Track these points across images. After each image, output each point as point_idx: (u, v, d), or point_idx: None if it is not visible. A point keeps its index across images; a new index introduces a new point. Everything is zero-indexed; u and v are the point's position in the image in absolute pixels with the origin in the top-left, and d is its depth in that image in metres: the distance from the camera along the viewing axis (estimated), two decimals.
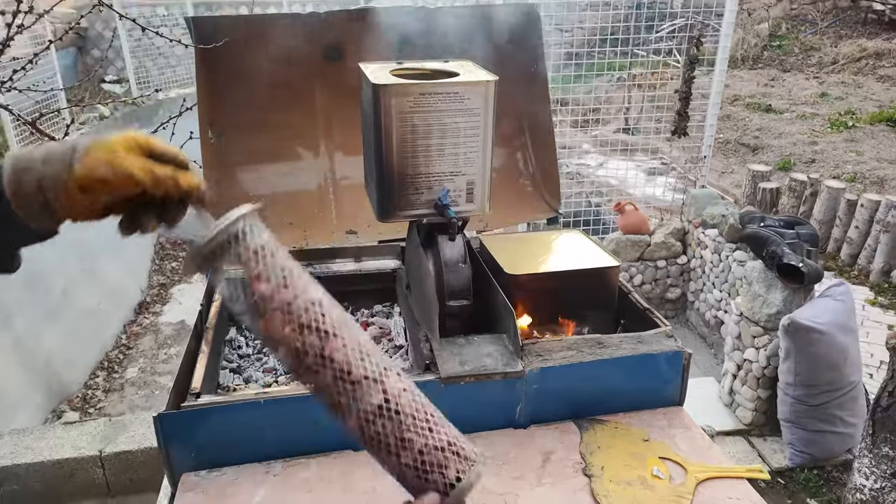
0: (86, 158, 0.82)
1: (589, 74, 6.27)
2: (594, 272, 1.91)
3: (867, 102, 9.53)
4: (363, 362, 0.86)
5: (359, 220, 2.54)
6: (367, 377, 0.85)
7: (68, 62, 9.55)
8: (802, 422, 3.41)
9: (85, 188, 0.82)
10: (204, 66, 2.35)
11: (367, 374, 0.85)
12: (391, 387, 0.87)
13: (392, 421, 0.85)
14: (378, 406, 0.85)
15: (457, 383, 1.63)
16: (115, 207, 0.87)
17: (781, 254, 3.45)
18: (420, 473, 0.85)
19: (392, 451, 0.85)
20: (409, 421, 0.86)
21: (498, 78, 1.82)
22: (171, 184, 0.87)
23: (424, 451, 0.85)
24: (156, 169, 0.86)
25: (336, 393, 0.85)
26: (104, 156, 0.83)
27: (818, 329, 3.20)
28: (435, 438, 0.87)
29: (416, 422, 0.87)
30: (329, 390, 0.86)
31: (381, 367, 0.87)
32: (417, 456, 0.85)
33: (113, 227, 0.91)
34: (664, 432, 1.69)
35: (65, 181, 0.81)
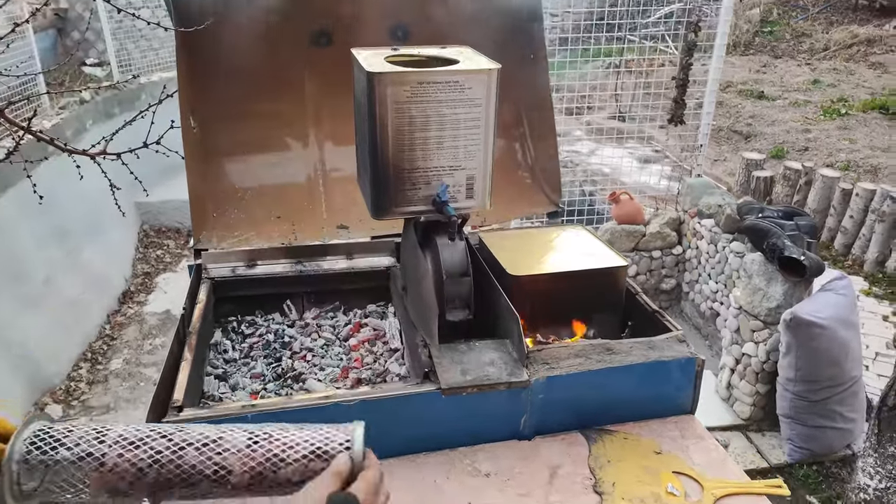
0: None
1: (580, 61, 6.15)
2: (602, 273, 1.81)
3: (859, 90, 9.48)
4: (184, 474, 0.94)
5: (350, 214, 2.42)
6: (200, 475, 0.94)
7: (47, 44, 9.26)
8: (802, 417, 3.35)
9: None
10: (185, 50, 2.21)
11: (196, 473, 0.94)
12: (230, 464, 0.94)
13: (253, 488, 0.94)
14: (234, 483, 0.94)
15: (458, 394, 1.52)
16: None
17: (783, 246, 3.37)
18: None
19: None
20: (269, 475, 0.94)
21: (501, 66, 1.71)
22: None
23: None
24: None
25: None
26: None
27: (820, 324, 3.13)
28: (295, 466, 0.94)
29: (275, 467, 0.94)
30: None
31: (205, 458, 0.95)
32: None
33: (94, 213, 0.83)
34: (677, 443, 1.60)
35: None
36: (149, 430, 0.96)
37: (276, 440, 0.95)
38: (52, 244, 5.41)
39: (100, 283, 6.04)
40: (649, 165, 7.39)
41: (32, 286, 5.05)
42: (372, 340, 2.02)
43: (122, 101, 7.30)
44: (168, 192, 6.45)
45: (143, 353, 5.60)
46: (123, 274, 6.48)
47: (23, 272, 4.96)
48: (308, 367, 1.90)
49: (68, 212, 5.48)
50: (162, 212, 7.17)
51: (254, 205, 2.38)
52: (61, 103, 6.82)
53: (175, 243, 7.27)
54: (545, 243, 2.03)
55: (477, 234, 2.11)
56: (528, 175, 2.65)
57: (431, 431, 1.56)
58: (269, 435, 0.95)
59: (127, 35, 8.57)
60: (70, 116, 6.35)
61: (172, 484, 0.94)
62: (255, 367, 1.90)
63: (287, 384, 1.83)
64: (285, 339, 2.02)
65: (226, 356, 1.94)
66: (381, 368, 1.88)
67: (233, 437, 0.96)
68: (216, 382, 1.81)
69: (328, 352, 1.98)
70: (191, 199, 2.19)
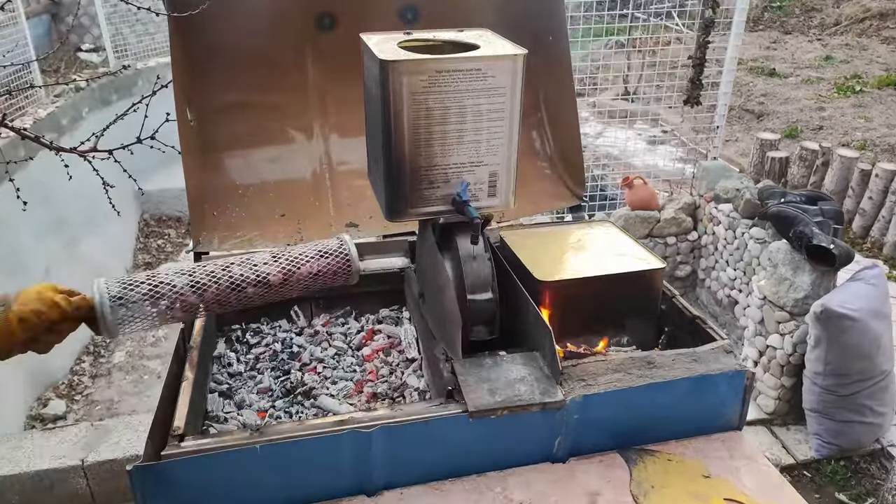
0: (20, 298, 1.20)
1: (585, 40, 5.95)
2: (637, 276, 1.67)
3: (873, 65, 9.24)
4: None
5: (359, 210, 2.27)
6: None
7: (41, 31, 9.05)
8: (830, 412, 3.22)
9: (22, 318, 1.18)
10: (179, 37, 2.05)
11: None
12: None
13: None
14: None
15: (487, 417, 1.38)
16: (40, 337, 1.21)
17: (811, 234, 3.21)
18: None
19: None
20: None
21: (527, 51, 1.55)
22: (83, 305, 1.26)
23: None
24: (71, 298, 1.26)
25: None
26: (33, 294, 1.21)
27: (851, 316, 2.98)
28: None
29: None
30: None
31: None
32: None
33: (93, 203, 0.75)
34: (725, 464, 1.46)
35: (6, 316, 1.17)
36: (195, 265, 1.39)
37: (290, 251, 1.44)
38: (51, 235, 5.28)
39: (100, 273, 5.90)
40: (658, 147, 7.21)
41: (32, 278, 4.93)
42: (386, 349, 1.88)
43: (118, 87, 7.12)
44: (168, 180, 6.29)
45: (146, 346, 5.49)
46: (124, 264, 6.35)
47: (22, 264, 4.84)
48: (319, 381, 1.76)
49: (67, 202, 5.35)
50: (162, 200, 7.02)
51: (256, 202, 2.23)
52: (56, 91, 6.64)
53: (176, 232, 7.13)
54: (571, 242, 1.88)
55: (497, 231, 1.95)
56: (546, 165, 2.49)
57: (457, 456, 1.42)
58: (283, 249, 1.45)
59: (122, 19, 8.35)
60: (66, 104, 6.18)
61: (225, 293, 1.34)
62: (262, 381, 1.76)
63: (297, 401, 1.69)
64: (293, 349, 1.88)
65: (230, 370, 1.80)
66: (397, 382, 1.74)
67: (259, 255, 1.43)
68: (220, 400, 1.67)
69: (340, 362, 1.84)
70: (189, 199, 2.03)
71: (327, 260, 1.44)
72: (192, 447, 1.30)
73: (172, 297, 1.31)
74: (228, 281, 1.35)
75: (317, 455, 1.33)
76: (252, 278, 1.37)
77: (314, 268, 1.41)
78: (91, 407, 4.75)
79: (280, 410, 1.66)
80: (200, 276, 1.34)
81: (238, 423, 1.60)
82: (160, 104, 1.90)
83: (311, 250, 1.44)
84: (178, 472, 1.27)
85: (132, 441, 3.02)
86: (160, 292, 1.30)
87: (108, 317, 1.25)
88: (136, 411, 4.63)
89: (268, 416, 1.64)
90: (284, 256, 1.41)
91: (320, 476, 1.35)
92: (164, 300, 1.30)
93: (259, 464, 1.29)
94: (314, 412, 1.65)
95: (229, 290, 1.35)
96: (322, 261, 1.43)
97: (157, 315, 1.31)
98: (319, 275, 1.43)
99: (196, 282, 1.33)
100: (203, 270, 1.35)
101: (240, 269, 1.37)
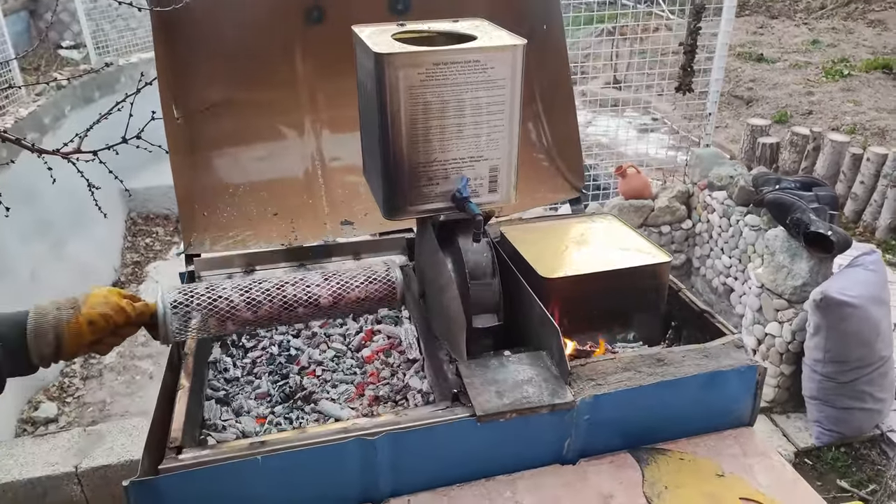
0: (88, 301, 1.26)
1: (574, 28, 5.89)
2: (644, 271, 1.62)
3: (860, 49, 9.24)
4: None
5: (354, 208, 2.22)
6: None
7: (20, 28, 8.88)
8: (830, 399, 3.21)
9: (91, 321, 1.23)
10: (163, 31, 1.99)
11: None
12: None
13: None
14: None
15: (495, 420, 1.34)
16: (104, 339, 1.27)
17: (808, 221, 3.19)
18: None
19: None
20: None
21: (526, 41, 1.49)
22: (146, 311, 1.34)
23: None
24: (135, 304, 1.33)
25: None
26: (101, 298, 1.28)
27: (851, 303, 2.97)
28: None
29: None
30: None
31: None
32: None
33: (78, 203, 0.71)
34: (739, 462, 1.43)
35: (76, 318, 1.23)
36: (251, 280, 1.47)
37: (342, 275, 1.51)
38: (36, 238, 5.19)
39: (88, 274, 5.83)
40: (649, 135, 7.18)
41: (19, 281, 4.84)
42: (387, 350, 1.83)
43: (101, 85, 6.99)
44: (154, 178, 6.19)
45: (137, 346, 5.41)
46: (112, 264, 6.26)
47: (8, 267, 4.75)
48: (319, 385, 1.71)
49: (52, 203, 5.25)
50: (149, 198, 6.91)
51: (248, 202, 2.17)
52: (37, 90, 6.51)
53: (164, 230, 7.04)
54: (574, 236, 1.83)
55: (497, 227, 1.91)
56: (543, 157, 2.45)
57: (465, 460, 1.38)
58: (335, 272, 1.52)
59: (103, 15, 8.20)
60: (47, 103, 6.05)
61: (277, 311, 1.43)
62: (260, 387, 1.71)
63: (297, 406, 1.64)
64: (291, 353, 1.83)
65: (226, 375, 1.74)
66: (399, 384, 1.69)
67: (311, 276, 1.51)
68: (217, 407, 1.62)
69: (339, 365, 1.79)
70: (178, 199, 1.97)
71: (375, 286, 1.51)
72: (191, 460, 1.25)
73: (228, 311, 1.39)
74: (282, 301, 1.43)
75: (321, 464, 1.28)
76: (304, 299, 1.44)
77: (362, 293, 1.49)
78: (83, 409, 4.68)
79: (280, 416, 1.61)
80: (256, 294, 1.42)
81: (237, 430, 1.55)
82: (145, 102, 1.83)
83: (360, 276, 1.51)
84: (176, 486, 1.22)
85: (126, 446, 2.96)
86: (217, 307, 1.38)
87: (170, 325, 1.34)
88: (129, 412, 4.57)
89: (267, 423, 1.59)
90: (336, 280, 1.49)
91: (325, 485, 1.31)
92: (220, 314, 1.38)
93: (261, 475, 1.25)
94: (315, 417, 1.60)
95: (281, 309, 1.43)
96: (370, 286, 1.51)
97: (211, 327, 1.39)
98: (366, 300, 1.51)
99: (252, 299, 1.41)
100: (259, 288, 1.43)
101: (293, 289, 1.44)
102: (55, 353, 1.22)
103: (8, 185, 4.37)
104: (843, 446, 3.32)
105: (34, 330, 1.19)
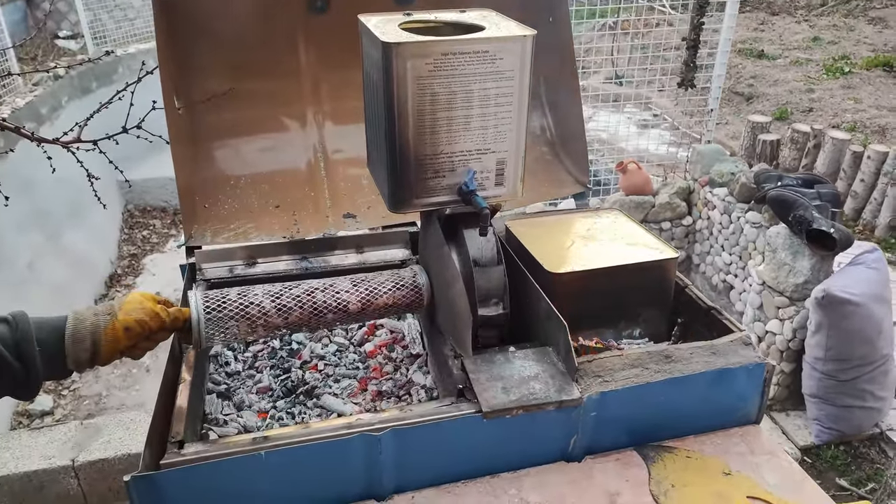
0: (124, 307, 1.27)
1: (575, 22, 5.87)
2: (651, 266, 1.61)
3: (861, 46, 9.23)
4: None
5: (357, 200, 2.19)
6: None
7: (17, 17, 8.82)
8: (830, 397, 3.20)
9: (127, 327, 1.25)
10: (164, 19, 1.96)
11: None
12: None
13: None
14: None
15: (501, 417, 1.33)
16: (139, 344, 1.28)
17: (811, 218, 3.17)
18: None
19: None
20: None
21: (535, 32, 1.47)
22: (180, 317, 1.35)
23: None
24: (169, 309, 1.34)
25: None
26: (137, 304, 1.28)
27: (854, 301, 2.96)
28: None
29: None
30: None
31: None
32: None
33: (75, 194, 0.68)
34: (746, 461, 1.42)
35: (112, 324, 1.24)
36: (281, 286, 1.47)
37: (370, 281, 1.53)
38: (33, 227, 5.14)
39: (85, 266, 5.80)
40: (649, 131, 7.16)
41: (16, 272, 4.81)
42: (390, 345, 1.82)
43: (98, 75, 6.93)
44: (152, 169, 6.16)
45: None
46: (109, 256, 6.22)
47: (5, 257, 4.71)
48: (321, 379, 1.69)
49: (49, 193, 5.21)
50: (146, 190, 6.87)
51: (249, 193, 2.14)
52: (34, 79, 6.46)
53: (161, 223, 7.00)
54: (580, 231, 1.82)
55: (502, 221, 1.89)
56: (547, 150, 2.43)
57: (470, 457, 1.36)
58: (363, 277, 1.54)
59: (100, 4, 8.14)
60: (44, 93, 6.00)
61: (307, 317, 1.44)
62: (262, 381, 1.69)
63: (299, 401, 1.62)
64: (293, 346, 1.81)
65: (228, 369, 1.72)
66: (403, 379, 1.67)
67: (341, 282, 1.52)
68: (219, 402, 1.60)
69: (342, 359, 1.77)
70: (179, 191, 1.95)
71: (402, 292, 1.54)
72: (193, 455, 1.23)
73: (259, 317, 1.41)
74: (312, 307, 1.45)
75: (324, 460, 1.26)
76: (333, 305, 1.47)
77: (390, 300, 1.51)
78: (79, 402, 4.65)
79: (282, 411, 1.59)
80: (287, 300, 1.44)
81: (238, 425, 1.53)
82: (145, 91, 1.81)
83: (388, 282, 1.54)
84: (178, 481, 1.20)
85: (123, 439, 2.94)
86: (249, 313, 1.40)
87: (203, 332, 1.36)
88: (125, 406, 4.54)
89: (269, 418, 1.57)
90: (364, 286, 1.52)
91: (328, 482, 1.29)
92: (252, 320, 1.40)
93: (264, 471, 1.23)
94: (317, 412, 1.59)
95: (311, 314, 1.45)
96: (398, 293, 1.53)
97: (243, 332, 1.41)
98: (393, 306, 1.53)
99: (283, 305, 1.43)
100: (290, 294, 1.45)
101: (323, 295, 1.47)
102: (91, 359, 1.22)
103: (5, 175, 4.33)
104: (842, 444, 3.31)
105: (72, 335, 1.20)
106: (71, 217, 5.57)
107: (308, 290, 1.47)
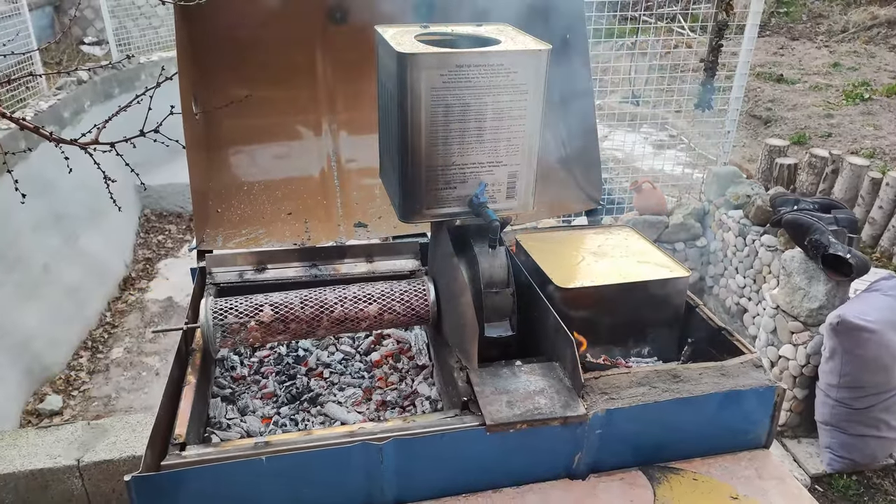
0: None
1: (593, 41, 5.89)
2: (662, 284, 1.59)
3: (881, 73, 9.17)
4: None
5: (368, 210, 2.20)
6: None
7: (44, 23, 8.98)
8: (843, 425, 3.15)
9: None
10: (185, 27, 1.98)
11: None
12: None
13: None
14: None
15: (505, 431, 1.31)
16: None
17: (827, 243, 3.14)
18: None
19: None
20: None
21: (551, 46, 1.48)
22: None
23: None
24: None
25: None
26: None
27: (869, 328, 2.91)
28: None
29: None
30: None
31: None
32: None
33: (93, 197, 0.67)
34: (754, 485, 1.39)
35: None
36: (285, 294, 1.54)
37: (383, 293, 1.61)
38: (50, 229, 5.20)
39: (100, 269, 5.85)
40: (665, 151, 7.14)
41: (31, 274, 4.86)
42: (396, 354, 1.81)
43: (121, 81, 7.04)
44: (170, 175, 6.22)
45: (145, 342, 5.42)
46: (124, 259, 6.28)
47: (22, 258, 4.76)
48: (326, 387, 1.69)
49: (67, 196, 5.27)
50: (163, 196, 6.94)
51: (262, 200, 2.16)
52: (58, 83, 6.57)
53: (177, 228, 7.06)
54: (591, 248, 1.81)
55: (513, 235, 1.88)
56: (561, 166, 2.42)
57: (472, 470, 1.35)
58: (377, 289, 1.61)
59: (126, 13, 8.29)
60: (68, 97, 6.10)
61: (326, 327, 1.53)
62: (267, 386, 1.69)
63: (303, 408, 1.61)
64: (299, 353, 1.81)
65: (233, 373, 1.72)
66: (408, 390, 1.66)
67: (355, 292, 1.60)
68: (223, 405, 1.60)
69: (347, 368, 1.77)
70: (193, 194, 1.96)
71: (411, 307, 1.61)
72: (195, 457, 1.23)
73: (276, 326, 1.49)
74: (329, 318, 1.53)
75: (326, 468, 1.25)
76: (349, 316, 1.57)
77: (398, 316, 1.59)
78: (88, 403, 4.67)
79: (285, 417, 1.58)
80: (305, 309, 1.52)
81: (241, 430, 1.53)
82: (164, 97, 1.83)
83: (401, 295, 1.61)
84: (178, 483, 1.20)
85: (129, 441, 2.94)
86: (264, 321, 1.50)
87: (215, 343, 1.47)
88: (133, 408, 4.56)
89: (272, 424, 1.56)
90: (379, 298, 1.59)
91: (328, 489, 1.28)
92: (269, 328, 1.48)
93: (265, 475, 1.22)
94: (321, 420, 1.58)
95: (330, 325, 1.52)
96: (407, 307, 1.61)
97: (251, 339, 1.49)
98: (404, 317, 1.60)
99: (299, 314, 1.51)
100: (306, 302, 1.53)
101: (342, 308, 1.55)
102: None
103: (24, 177, 4.39)
104: (855, 474, 3.25)
105: None
106: (88, 220, 5.63)
107: (323, 301, 1.55)
